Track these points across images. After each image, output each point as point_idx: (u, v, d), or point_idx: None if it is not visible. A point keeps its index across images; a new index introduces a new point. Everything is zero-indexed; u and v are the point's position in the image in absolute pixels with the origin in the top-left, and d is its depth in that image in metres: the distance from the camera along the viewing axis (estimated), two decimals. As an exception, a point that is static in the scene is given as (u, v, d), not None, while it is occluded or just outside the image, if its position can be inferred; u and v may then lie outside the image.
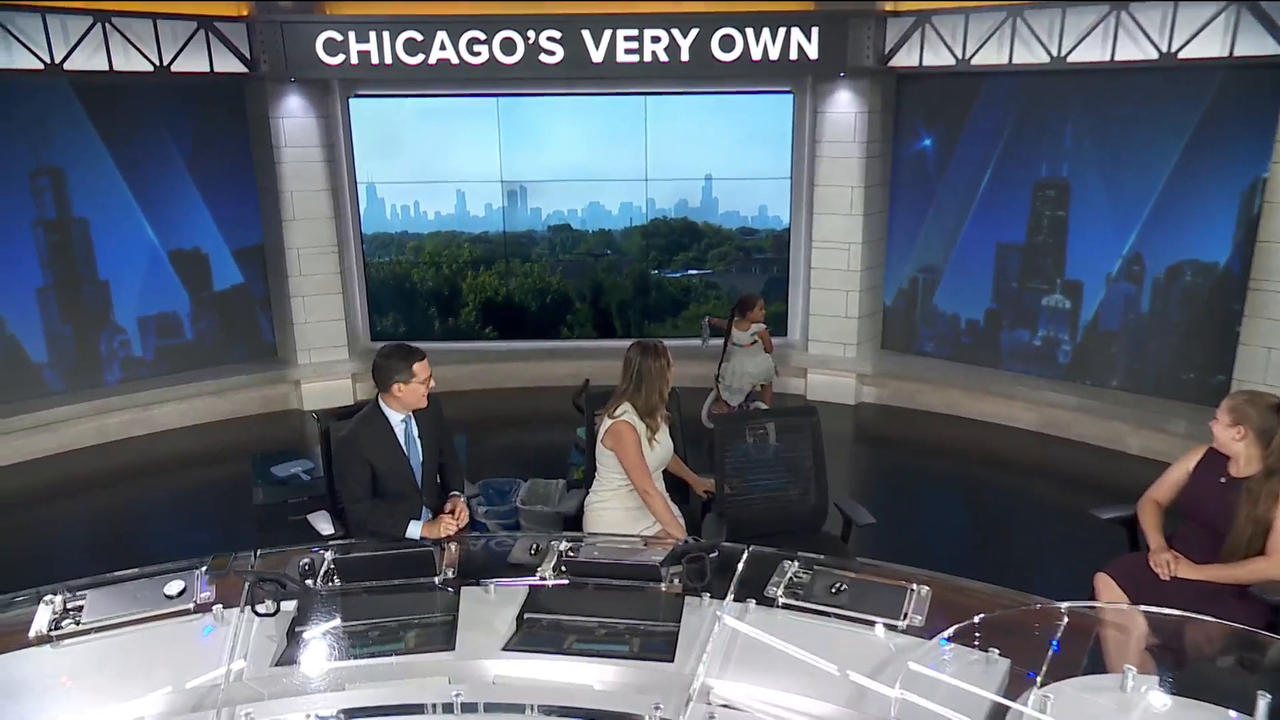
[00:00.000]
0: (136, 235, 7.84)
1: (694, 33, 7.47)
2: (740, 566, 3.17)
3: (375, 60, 7.52)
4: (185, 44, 7.28)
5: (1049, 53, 6.86)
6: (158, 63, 7.19)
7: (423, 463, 4.02)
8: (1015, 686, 2.56)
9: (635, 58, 7.57)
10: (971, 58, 7.22)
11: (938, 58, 7.41)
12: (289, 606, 3.09)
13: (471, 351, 8.89)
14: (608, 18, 7.49)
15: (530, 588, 3.26)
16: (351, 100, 8.30)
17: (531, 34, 7.49)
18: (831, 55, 7.50)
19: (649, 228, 8.81)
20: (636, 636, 3.04)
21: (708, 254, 8.85)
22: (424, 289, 8.92)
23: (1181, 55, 6.32)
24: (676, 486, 4.52)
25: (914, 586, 3.01)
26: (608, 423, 4.10)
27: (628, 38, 7.52)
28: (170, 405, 7.87)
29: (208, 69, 7.44)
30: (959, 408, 7.92)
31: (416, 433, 4.02)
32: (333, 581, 3.25)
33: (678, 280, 8.96)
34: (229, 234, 8.29)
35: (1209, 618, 2.87)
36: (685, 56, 7.53)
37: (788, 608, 3.03)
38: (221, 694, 2.77)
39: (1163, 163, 6.87)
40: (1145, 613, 2.93)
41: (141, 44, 7.10)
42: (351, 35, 7.45)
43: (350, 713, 2.78)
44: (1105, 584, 3.66)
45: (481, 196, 8.71)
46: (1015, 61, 7.05)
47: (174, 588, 3.11)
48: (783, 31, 7.45)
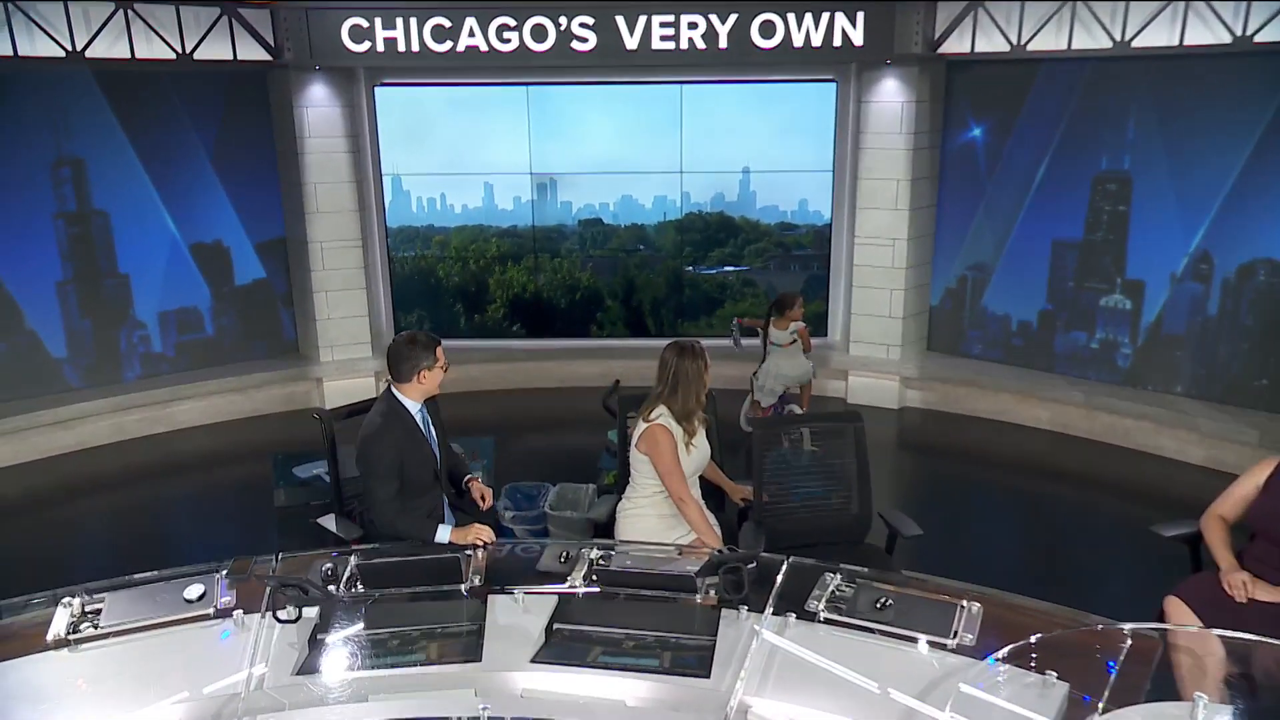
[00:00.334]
0: (157, 228, 7.96)
1: (733, 18, 7.44)
2: (779, 578, 3.15)
3: (402, 47, 7.57)
4: (208, 31, 7.39)
5: (1111, 37, 6.75)
6: (180, 50, 7.30)
7: (439, 450, 4.15)
8: (1074, 712, 2.51)
9: (671, 45, 7.55)
10: (1027, 43, 7.12)
11: (991, 44, 7.32)
12: (311, 613, 3.11)
13: (498, 350, 8.92)
14: (643, 3, 7.49)
15: (560, 597, 3.25)
16: (377, 89, 8.37)
17: (563, 20, 7.51)
18: (877, 41, 7.43)
19: (684, 222, 8.79)
20: (670, 650, 3.02)
21: (745, 250, 8.82)
22: (450, 285, 8.97)
23: (1257, 39, 6.19)
24: (712, 493, 4.49)
25: (964, 603, 2.96)
26: (642, 426, 4.09)
27: (663, 24, 7.51)
28: (190, 403, 7.98)
29: (231, 57, 7.54)
30: (1009, 413, 7.82)
31: (430, 420, 4.14)
32: (356, 588, 3.26)
33: (713, 277, 8.93)
34: (251, 227, 8.39)
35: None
36: (723, 43, 7.51)
37: (830, 623, 2.99)
38: (242, 703, 2.80)
39: (1234, 155, 6.73)
40: (1220, 637, 2.85)
41: (164, 31, 7.21)
42: (378, 21, 7.50)
43: (373, 725, 2.79)
44: (1177, 608, 3.53)
45: (510, 189, 8.74)
46: (1075, 47, 6.94)
47: (194, 592, 3.14)
48: (826, 17, 7.40)
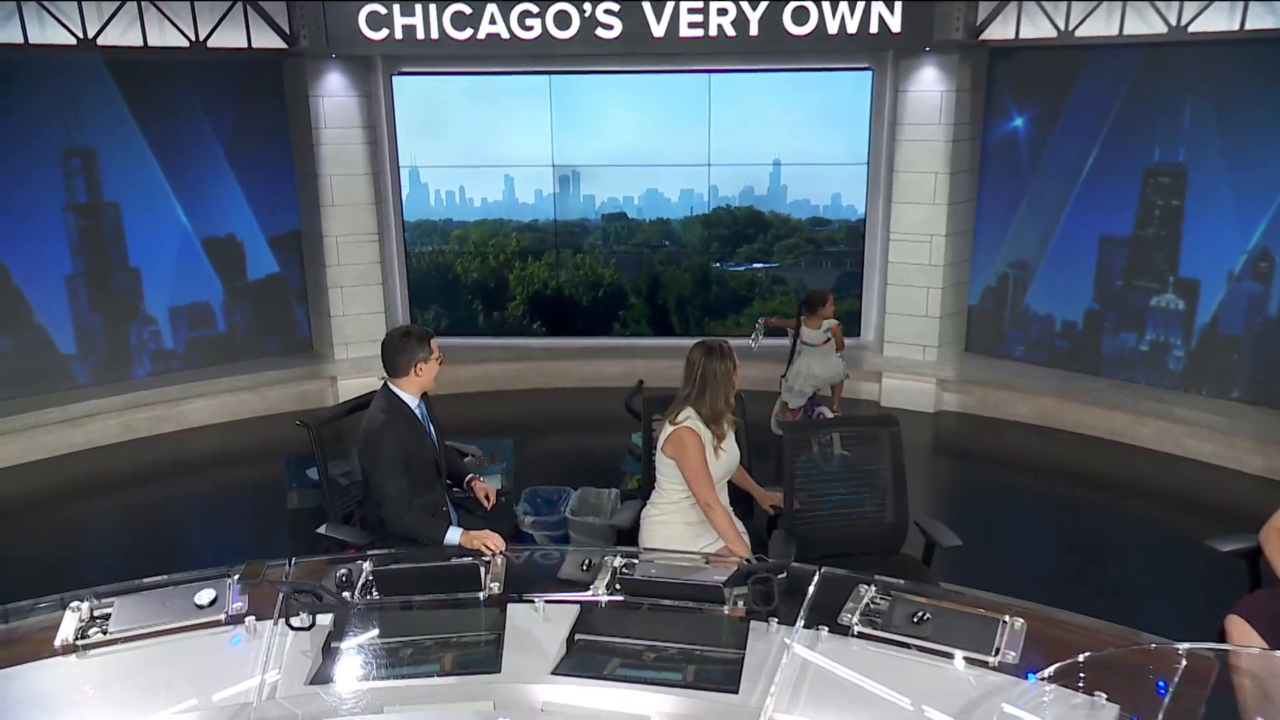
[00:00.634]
0: (169, 220, 8.04)
1: (764, 4, 7.41)
2: (811, 590, 3.13)
3: (420, 35, 7.59)
4: (222, 18, 7.45)
5: (1166, 22, 6.67)
6: (194, 38, 7.37)
7: (438, 447, 4.19)
8: (1125, 736, 2.48)
9: (699, 32, 7.53)
10: (1076, 29, 7.05)
11: (1036, 29, 7.25)
12: (325, 620, 3.12)
13: (518, 348, 8.94)
14: (670, -12, 7.48)
15: (581, 606, 3.24)
16: (395, 78, 8.40)
17: (588, 7, 7.51)
18: (916, 28, 7.38)
19: (711, 217, 8.77)
20: (696, 664, 3.01)
21: (774, 246, 8.79)
22: (468, 281, 8.99)
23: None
24: (740, 500, 4.47)
25: (1007, 618, 2.92)
26: (669, 429, 4.07)
27: (691, 10, 7.49)
28: (201, 401, 8.05)
29: (245, 45, 7.60)
30: (1052, 418, 7.74)
31: (427, 415, 4.18)
32: (371, 594, 3.27)
33: (741, 274, 8.90)
34: (264, 220, 8.46)
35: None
36: (754, 30, 7.48)
37: (864, 637, 2.97)
38: (253, 712, 2.81)
39: (1297, 147, 6.65)
40: None
41: (177, 18, 7.28)
42: (396, 9, 7.54)
43: (389, 736, 2.80)
44: (1239, 628, 3.45)
45: (531, 182, 8.75)
46: (1126, 33, 6.87)
47: (205, 597, 3.16)
48: (862, 3, 7.36)
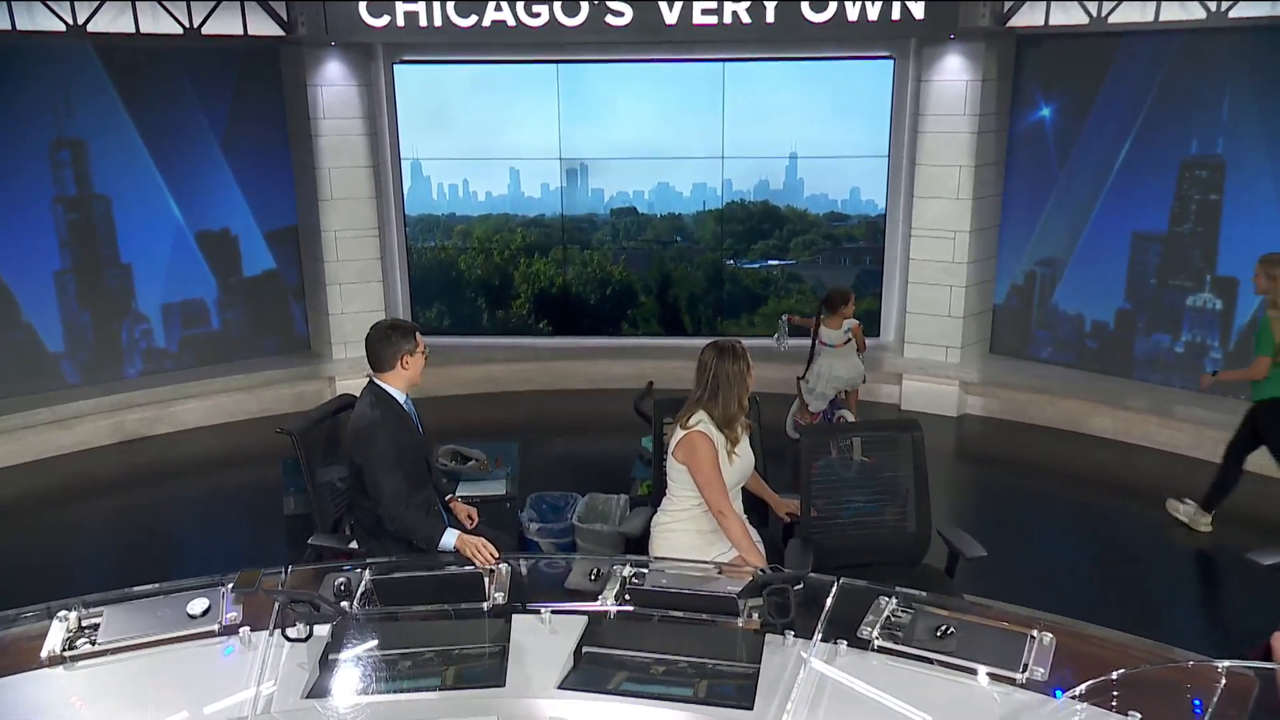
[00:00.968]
0: (162, 214, 8.06)
1: (781, -10, 7.40)
2: (829, 601, 3.13)
3: (423, 22, 7.60)
4: (217, 4, 7.46)
5: (1205, 7, 6.63)
6: (188, 24, 7.38)
7: (426, 445, 4.26)
8: (1159, 757, 2.47)
9: (713, 19, 7.52)
10: (1109, 15, 7.02)
11: (1067, 16, 7.23)
12: (322, 631, 3.12)
13: (523, 348, 8.94)
14: (683, -26, 7.48)
15: (589, 617, 3.25)
16: (396, 67, 8.42)
17: (597, -8, 7.51)
18: (940, 14, 7.35)
19: (725, 212, 8.76)
20: (709, 678, 3.01)
21: (791, 242, 8.77)
22: (472, 278, 9.00)
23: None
24: (755, 507, 4.47)
25: (1035, 633, 2.91)
26: (680, 433, 4.07)
27: (705, -4, 7.49)
28: (194, 401, 8.07)
29: (241, 32, 7.61)
30: (1082, 423, 7.70)
31: (416, 413, 4.23)
32: (370, 604, 3.28)
33: (756, 272, 8.89)
34: (261, 214, 8.48)
35: None
36: (770, 17, 7.46)
37: (884, 651, 2.97)
38: (248, 727, 2.81)
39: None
40: None
41: (170, 4, 7.30)
42: (397, -6, 7.55)
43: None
44: None
45: (538, 175, 8.76)
46: (1162, 19, 6.84)
47: (198, 606, 3.17)
48: (883, -12, 7.34)
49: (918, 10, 7.35)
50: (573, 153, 8.68)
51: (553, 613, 3.25)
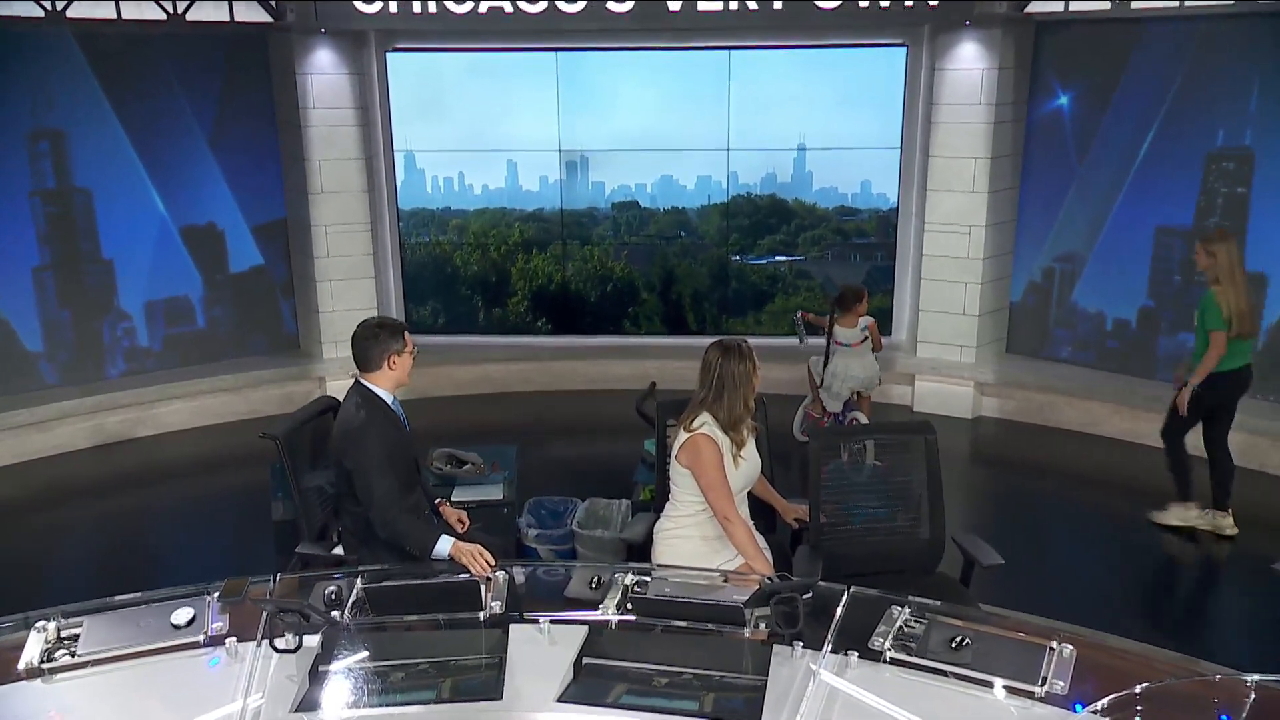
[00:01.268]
0: (145, 208, 8.06)
1: (789, -25, 7.41)
2: (839, 611, 3.13)
3: (417, 8, 7.61)
4: (202, -10, 7.48)
5: (1234, -9, 6.65)
6: (171, 10, 7.39)
7: (415, 447, 4.28)
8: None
9: (719, 5, 7.53)
10: (1131, 0, 7.01)
11: (1088, 1, 7.21)
12: (312, 641, 3.12)
13: (521, 348, 8.95)
14: (687, -43, 7.48)
15: (590, 628, 3.25)
16: (389, 54, 8.42)
17: (598, -23, 7.52)
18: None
19: (730, 206, 8.76)
20: (714, 691, 3.02)
21: (799, 238, 8.77)
22: (468, 274, 9.00)
23: None
24: (762, 513, 4.47)
25: (1054, 644, 2.91)
26: (683, 436, 4.08)
27: (710, -19, 7.50)
28: (178, 403, 8.07)
29: (228, 18, 7.63)
30: (1102, 425, 7.70)
31: (404, 415, 4.24)
32: (362, 614, 3.28)
33: (762, 268, 8.89)
34: (248, 208, 8.48)
35: None
36: (778, 3, 7.47)
37: (897, 663, 2.97)
38: (234, 741, 2.81)
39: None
40: None
41: (154, -10, 7.32)
42: (390, -21, 7.56)
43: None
44: None
45: (536, 168, 8.76)
46: (1187, 4, 6.84)
47: (182, 616, 3.16)
48: (896, -28, 7.35)
49: (931, -4, 7.37)
50: (572, 144, 8.67)
51: (552, 623, 3.25)
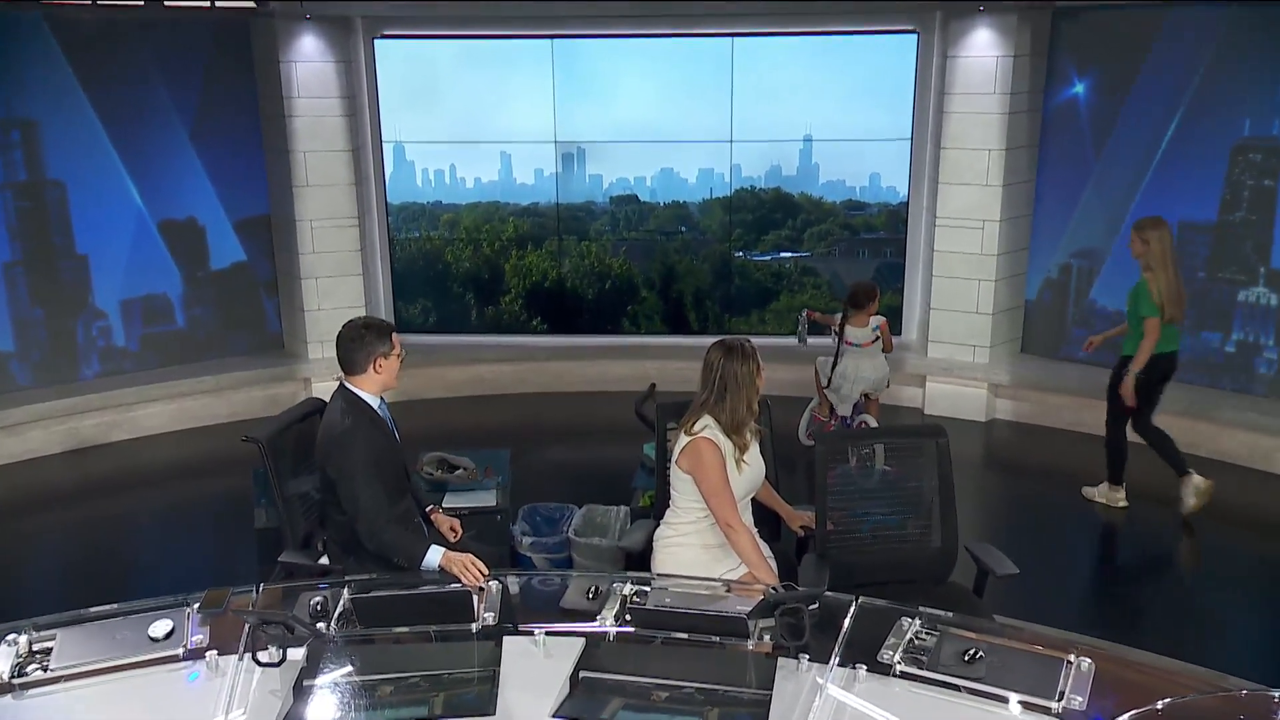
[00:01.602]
0: (121, 202, 8.06)
1: (795, -42, 7.43)
2: (847, 622, 3.14)
3: (406, -7, 7.63)
4: (182, -26, 7.49)
5: (1257, -24, 6.66)
6: (150, -4, 7.41)
7: (404, 452, 4.29)
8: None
9: (721, -11, 7.56)
10: (1153, -15, 7.05)
11: (1106, -14, 7.25)
12: (296, 654, 3.12)
13: (515, 348, 8.95)
14: (688, -60, 7.51)
15: (587, 639, 3.25)
16: (377, 41, 8.43)
17: (595, -40, 7.54)
18: (968, -15, 7.39)
19: (733, 200, 8.77)
20: (717, 705, 3.02)
21: (805, 233, 8.78)
22: (459, 271, 9.01)
23: None
24: (766, 520, 4.48)
25: (1072, 657, 2.92)
26: (684, 439, 4.07)
27: (713, -35, 7.52)
28: (157, 405, 8.07)
29: (208, 3, 7.63)
30: (1122, 429, 7.70)
31: (392, 418, 4.24)
32: (349, 626, 3.28)
33: (767, 265, 8.91)
34: (230, 202, 8.48)
35: None
36: (783, -12, 7.49)
37: (907, 677, 2.97)
38: (215, 759, 2.81)
39: None
40: None
41: (131, -26, 7.33)
42: (378, -37, 7.58)
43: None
44: None
45: (531, 160, 8.77)
46: (1211, -11, 6.86)
47: (160, 629, 3.17)
48: (906, -44, 7.37)
49: (943, -20, 7.38)
50: (569, 135, 8.68)
51: (547, 634, 3.26)
